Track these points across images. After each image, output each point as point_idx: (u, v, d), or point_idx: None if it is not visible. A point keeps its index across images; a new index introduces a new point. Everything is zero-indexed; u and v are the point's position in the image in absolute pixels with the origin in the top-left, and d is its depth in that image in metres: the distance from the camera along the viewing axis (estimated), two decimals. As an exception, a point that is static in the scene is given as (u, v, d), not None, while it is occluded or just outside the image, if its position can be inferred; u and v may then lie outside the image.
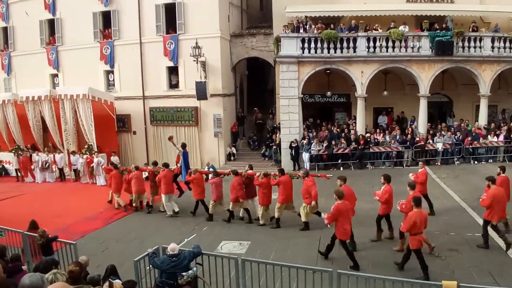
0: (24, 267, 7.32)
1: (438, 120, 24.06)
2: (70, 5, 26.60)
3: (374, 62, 21.54)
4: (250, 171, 14.59)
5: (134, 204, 16.46)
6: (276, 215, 13.61)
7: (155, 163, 16.95)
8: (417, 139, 21.37)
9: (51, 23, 27.76)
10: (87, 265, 7.33)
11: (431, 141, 21.45)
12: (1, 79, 30.09)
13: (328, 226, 10.43)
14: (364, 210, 13.59)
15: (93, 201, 18.20)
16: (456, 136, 21.46)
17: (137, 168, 16.71)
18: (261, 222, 13.87)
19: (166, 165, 15.95)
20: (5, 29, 29.58)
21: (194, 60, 23.14)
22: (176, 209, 15.56)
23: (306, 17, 22.91)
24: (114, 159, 21.40)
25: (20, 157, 24.17)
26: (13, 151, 24.92)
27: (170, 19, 24.71)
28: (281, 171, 13.82)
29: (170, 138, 17.40)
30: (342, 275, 7.04)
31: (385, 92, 23.08)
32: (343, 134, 22.44)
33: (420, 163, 15.21)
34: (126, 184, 16.49)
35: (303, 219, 13.17)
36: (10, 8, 28.90)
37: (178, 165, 16.94)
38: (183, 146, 17.37)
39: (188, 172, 15.72)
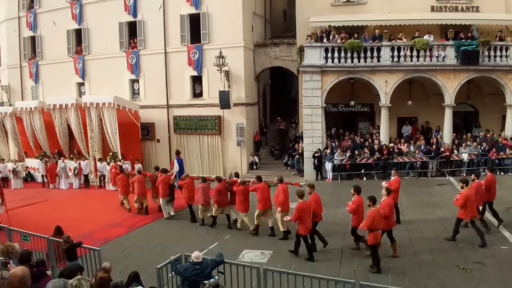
0: (49, 272, 7.44)
1: (463, 130, 23.68)
2: (96, 15, 27.17)
3: (399, 72, 21.36)
4: (234, 178, 15.19)
5: (136, 205, 17.49)
6: (255, 222, 13.98)
7: (156, 168, 18.20)
8: (442, 149, 21.06)
9: (78, 33, 28.36)
10: (110, 271, 7.41)
11: (456, 152, 21.13)
12: (29, 87, 30.82)
13: (294, 222, 11.50)
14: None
15: (117, 208, 18.43)
16: (482, 147, 21.09)
17: (139, 172, 17.84)
18: (238, 226, 14.63)
19: (164, 171, 17.10)
20: (33, 38, 30.32)
21: (218, 70, 23.31)
22: (172, 213, 16.57)
23: (329, 26, 22.91)
24: (138, 166, 21.56)
25: (47, 164, 24.65)
26: (40, 158, 25.41)
27: (195, 29, 24.97)
28: (258, 178, 14.27)
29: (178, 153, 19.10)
30: (364, 287, 6.97)
31: (410, 102, 22.85)
32: (366, 143, 22.27)
33: (392, 171, 15.04)
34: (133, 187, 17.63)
35: (281, 228, 13.41)
36: (38, 18, 29.63)
37: (173, 171, 18.65)
38: (177, 153, 19.97)
39: (180, 177, 16.93)
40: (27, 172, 26.85)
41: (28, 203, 20.38)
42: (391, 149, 21.44)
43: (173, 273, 8.33)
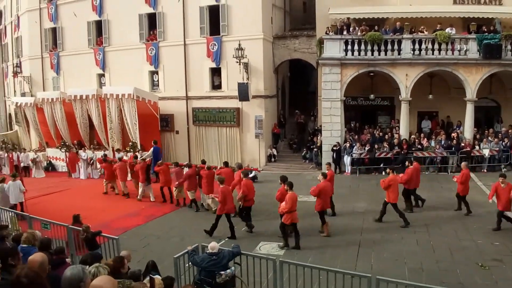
0: (68, 260, 7.55)
1: (485, 125, 23.29)
2: (117, 7, 27.34)
3: (419, 65, 21.08)
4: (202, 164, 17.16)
5: (124, 192, 19.25)
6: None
7: (136, 157, 20.55)
8: (463, 144, 20.77)
9: (99, 25, 28.58)
10: (129, 260, 7.49)
11: (477, 147, 20.82)
12: (50, 78, 31.24)
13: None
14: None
15: (136, 198, 18.61)
16: (503, 143, 20.74)
17: (120, 159, 20.13)
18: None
19: (143, 159, 19.53)
20: (54, 30, 30.66)
21: (237, 62, 23.28)
22: (152, 199, 18.13)
23: (349, 18, 22.69)
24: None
25: (67, 153, 24.99)
26: (60, 148, 25.76)
27: (214, 21, 24.96)
28: (225, 164, 16.52)
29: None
30: (381, 281, 6.92)
31: (430, 96, 22.56)
32: (386, 137, 22.08)
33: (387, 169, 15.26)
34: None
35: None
36: (59, 9, 29.95)
37: (149, 158, 20.72)
38: (155, 142, 22.35)
39: (156, 164, 18.59)
40: (48, 161, 27.27)
41: (49, 192, 20.72)
42: (411, 144, 21.21)
43: (190, 263, 8.38)
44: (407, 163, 15.71)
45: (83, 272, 3.77)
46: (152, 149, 21.91)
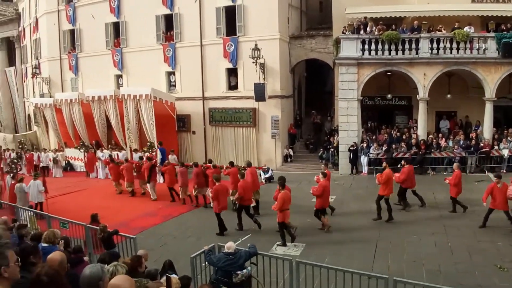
0: (86, 258, 7.64)
1: (504, 125, 22.90)
2: (134, 8, 27.55)
3: (438, 64, 20.85)
4: (208, 164, 18.02)
5: (128, 189, 19.76)
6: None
7: (141, 158, 20.75)
8: (482, 144, 20.49)
9: (116, 26, 28.83)
10: (146, 259, 7.54)
11: (496, 147, 20.52)
12: (69, 79, 31.60)
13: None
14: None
15: (150, 198, 18.77)
16: (524, 143, 20.42)
17: (126, 160, 20.66)
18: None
19: (149, 159, 19.80)
20: (72, 31, 31.01)
21: (253, 62, 23.27)
22: (154, 197, 18.66)
23: (366, 18, 22.55)
24: (173, 157, 21.94)
25: (85, 154, 25.28)
26: (79, 148, 26.06)
27: (230, 21, 25.00)
28: (231, 163, 16.99)
29: None
30: (398, 283, 6.86)
31: (449, 95, 22.31)
32: (403, 137, 21.88)
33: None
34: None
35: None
36: (77, 11, 30.29)
37: (156, 158, 21.13)
38: (160, 143, 22.75)
39: (163, 164, 19.48)
40: (66, 161, 27.61)
41: (67, 191, 20.99)
42: (429, 144, 21.00)
43: (206, 262, 8.41)
44: (402, 162, 15.86)
45: (102, 271, 3.80)
46: (158, 150, 22.46)
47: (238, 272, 7.91)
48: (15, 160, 24.22)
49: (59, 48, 31.60)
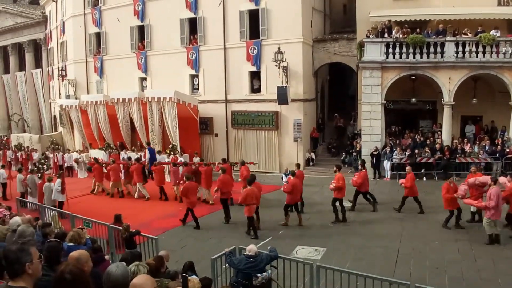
0: (107, 257, 7.74)
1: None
2: (158, 12, 27.85)
3: (463, 68, 20.53)
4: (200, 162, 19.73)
5: (110, 192, 20.21)
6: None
7: (129, 158, 21.75)
8: (508, 150, 20.07)
9: (141, 29, 29.18)
10: (167, 260, 7.60)
11: (523, 153, 20.10)
12: (94, 81, 32.09)
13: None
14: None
15: (174, 199, 18.90)
16: (550, 148, 19.94)
17: (113, 162, 20.96)
18: (210, 202, 17.90)
19: (138, 159, 20.87)
20: (98, 34, 31.49)
21: (276, 65, 23.29)
22: (147, 196, 19.41)
23: (390, 21, 22.36)
24: (196, 160, 22.06)
25: (110, 155, 25.59)
26: (105, 149, 26.41)
27: (254, 25, 25.06)
28: (224, 160, 18.78)
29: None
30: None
31: (474, 100, 21.91)
32: (427, 142, 21.60)
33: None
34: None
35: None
36: (103, 15, 30.75)
37: (145, 159, 22.22)
38: (148, 144, 23.94)
39: (153, 164, 20.49)
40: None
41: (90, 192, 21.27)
42: (453, 149, 20.68)
43: (227, 264, 8.43)
44: (360, 166, 16.80)
45: (125, 270, 3.85)
46: (147, 150, 23.32)
47: (259, 275, 7.91)
48: (41, 160, 24.65)
49: (85, 51, 32.11)
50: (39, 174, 19.11)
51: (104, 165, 21.33)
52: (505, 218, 12.65)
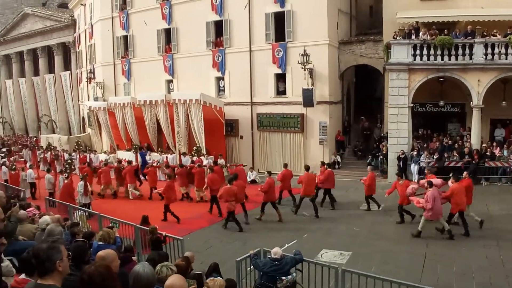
0: (134, 258, 7.83)
1: None
2: (185, 15, 28.08)
3: (492, 70, 20.11)
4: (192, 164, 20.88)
5: (101, 193, 20.75)
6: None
7: (119, 161, 22.59)
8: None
9: (168, 32, 29.49)
10: (193, 261, 7.65)
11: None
12: (121, 83, 32.58)
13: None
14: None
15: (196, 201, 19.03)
16: None
17: (105, 164, 21.86)
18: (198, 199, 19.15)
19: (129, 162, 21.66)
20: (125, 38, 31.98)
21: (302, 68, 23.23)
22: (138, 193, 20.41)
23: (417, 22, 22.07)
24: (221, 161, 22.19)
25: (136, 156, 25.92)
26: (133, 150, 26.72)
27: (279, 27, 25.06)
28: (215, 163, 20.17)
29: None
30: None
31: (504, 103, 21.40)
32: (456, 146, 21.22)
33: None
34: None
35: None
36: (130, 18, 31.22)
37: (137, 162, 23.03)
38: (140, 148, 25.26)
39: (146, 167, 21.65)
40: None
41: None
42: (482, 153, 20.27)
43: (252, 267, 8.44)
44: (325, 166, 17.73)
45: (154, 271, 3.90)
46: (139, 154, 24.23)
47: (283, 278, 7.90)
48: (69, 161, 25.11)
49: (113, 54, 32.64)
50: (66, 174, 19.47)
51: (95, 168, 22.04)
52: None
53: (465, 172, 15.17)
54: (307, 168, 17.21)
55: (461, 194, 13.01)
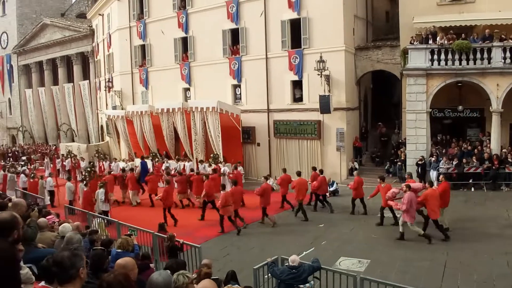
0: (152, 265, 7.87)
1: None
2: (201, 24, 28.32)
3: (511, 74, 19.87)
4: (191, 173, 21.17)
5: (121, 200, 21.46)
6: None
7: (123, 170, 23.12)
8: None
9: (184, 41, 29.72)
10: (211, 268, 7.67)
11: None
12: (139, 92, 32.89)
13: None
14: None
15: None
16: None
17: (109, 173, 22.48)
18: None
19: (132, 170, 22.65)
20: (143, 47, 32.31)
21: (318, 74, 23.19)
22: (138, 201, 21.35)
23: (434, 27, 21.90)
24: (239, 169, 22.24)
25: (156, 164, 26.07)
26: (152, 158, 26.91)
27: (295, 34, 25.07)
28: (214, 171, 20.22)
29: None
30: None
31: (524, 107, 21.14)
32: (475, 151, 20.94)
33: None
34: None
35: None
36: (148, 27, 31.54)
37: (137, 170, 23.22)
38: (142, 158, 25.39)
39: (147, 174, 22.03)
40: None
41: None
42: (503, 158, 19.96)
43: (269, 274, 8.42)
44: (318, 172, 18.52)
45: (171, 278, 3.92)
46: (139, 163, 24.46)
47: (301, 286, 7.87)
48: (88, 169, 25.36)
49: (131, 63, 33.00)
50: (85, 182, 19.68)
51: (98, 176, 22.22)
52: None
53: (441, 176, 15.97)
54: (298, 173, 18.13)
55: (434, 199, 13.31)
